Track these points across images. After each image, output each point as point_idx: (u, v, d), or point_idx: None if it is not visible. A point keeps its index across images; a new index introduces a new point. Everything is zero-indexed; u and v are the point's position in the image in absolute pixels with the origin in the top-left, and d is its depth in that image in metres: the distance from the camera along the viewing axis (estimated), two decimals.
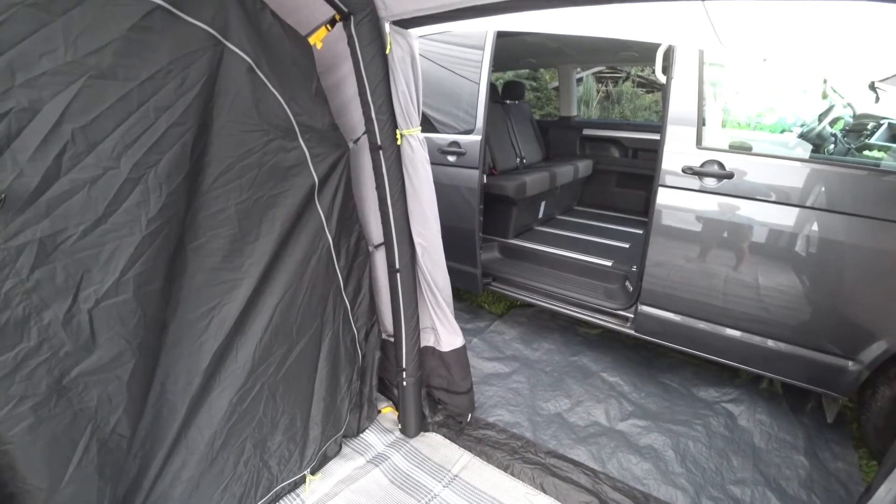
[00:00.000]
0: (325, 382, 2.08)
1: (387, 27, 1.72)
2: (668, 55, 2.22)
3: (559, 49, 3.94)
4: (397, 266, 2.08)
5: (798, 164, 2.02)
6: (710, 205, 2.18)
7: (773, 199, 2.05)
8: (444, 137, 2.97)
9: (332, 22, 1.75)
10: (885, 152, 2.41)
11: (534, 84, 8.24)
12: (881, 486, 1.41)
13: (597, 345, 3.10)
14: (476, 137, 2.80)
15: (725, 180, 2.12)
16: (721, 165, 2.12)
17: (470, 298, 3.81)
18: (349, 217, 2.04)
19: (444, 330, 2.23)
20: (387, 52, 1.74)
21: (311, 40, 1.75)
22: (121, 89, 1.28)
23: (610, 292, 2.85)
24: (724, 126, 2.53)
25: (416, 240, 2.03)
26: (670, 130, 2.24)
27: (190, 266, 1.58)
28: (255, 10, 1.55)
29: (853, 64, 1.59)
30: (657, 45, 2.18)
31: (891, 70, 1.41)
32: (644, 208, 4.35)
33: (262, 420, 1.86)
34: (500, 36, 2.97)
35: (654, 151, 3.85)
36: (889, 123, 2.60)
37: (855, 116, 2.92)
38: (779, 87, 2.95)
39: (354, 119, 1.92)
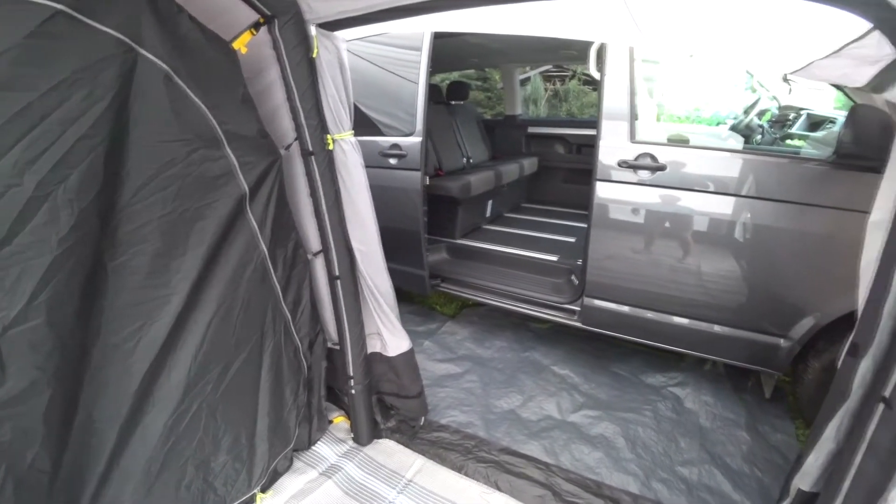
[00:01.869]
0: (270, 397, 2.02)
1: (312, 30, 1.68)
2: (601, 53, 2.26)
3: (501, 49, 3.97)
4: (337, 273, 2.04)
5: (727, 154, 2.10)
6: (645, 197, 2.23)
7: (705, 189, 2.11)
8: (385, 140, 2.94)
9: (257, 26, 1.69)
10: (804, 141, 2.53)
11: (483, 84, 8.31)
12: (810, 454, 1.48)
13: (548, 339, 3.13)
14: (416, 139, 2.78)
15: (659, 172, 2.17)
16: (654, 158, 2.18)
17: (421, 300, 3.79)
18: (285, 226, 1.97)
19: (389, 335, 2.20)
20: (313, 55, 1.70)
21: (236, 45, 1.68)
22: (19, 102, 1.19)
23: (557, 287, 2.88)
24: (658, 120, 2.61)
25: (355, 245, 1.99)
26: (605, 126, 2.28)
27: (111, 285, 1.49)
28: (171, 15, 1.48)
29: (768, 58, 1.65)
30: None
31: (800, 63, 1.47)
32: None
33: (202, 440, 1.78)
34: (439, 37, 2.96)
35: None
36: (808, 114, 2.74)
37: (780, 108, 3.07)
38: (709, 82, 3.07)
39: (285, 125, 1.87)
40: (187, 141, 1.56)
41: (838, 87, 2.13)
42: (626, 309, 2.44)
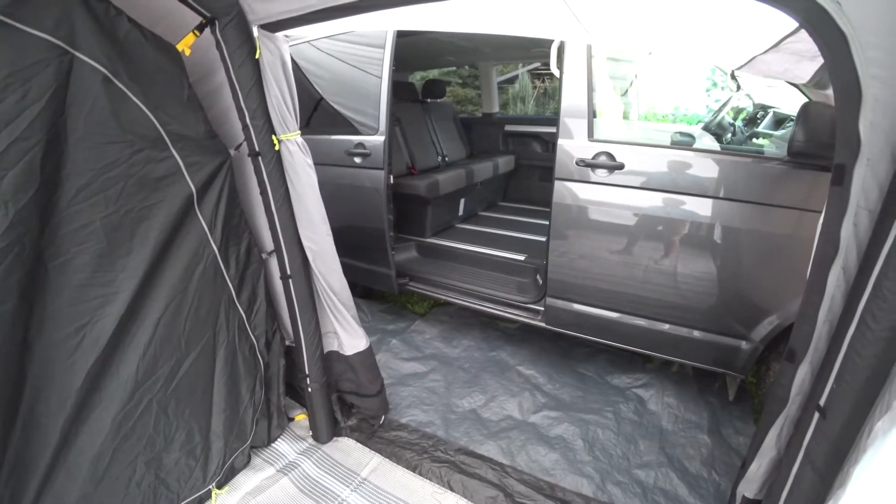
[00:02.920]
0: (225, 394, 2.03)
1: (255, 31, 1.67)
2: (561, 50, 2.25)
3: (474, 48, 3.96)
4: (289, 272, 2.04)
5: (688, 153, 2.08)
6: (603, 196, 2.23)
7: (664, 188, 2.11)
8: (351, 139, 2.92)
9: (200, 27, 1.69)
10: (768, 139, 2.53)
11: (475, 82, 8.29)
12: (753, 461, 1.48)
13: (516, 339, 3.14)
14: (380, 138, 2.77)
15: (617, 172, 2.17)
16: (611, 157, 2.17)
17: (393, 299, 3.79)
18: (237, 225, 1.98)
19: (345, 334, 2.20)
20: (256, 56, 1.69)
21: (180, 46, 1.68)
22: None
23: (522, 286, 2.88)
24: (626, 118, 2.60)
25: (306, 244, 1.99)
26: (564, 124, 2.28)
27: (53, 284, 1.51)
28: (109, 18, 1.49)
29: (715, 53, 1.65)
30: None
31: (744, 58, 1.47)
32: None
33: (153, 437, 1.80)
34: (406, 35, 2.95)
35: None
36: (773, 111, 2.72)
37: (754, 106, 3.06)
38: (681, 80, 3.06)
39: (236, 126, 1.87)
40: (129, 142, 1.58)
41: (794, 84, 2.13)
42: (587, 309, 2.44)
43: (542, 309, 2.62)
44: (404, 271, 3.19)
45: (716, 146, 2.40)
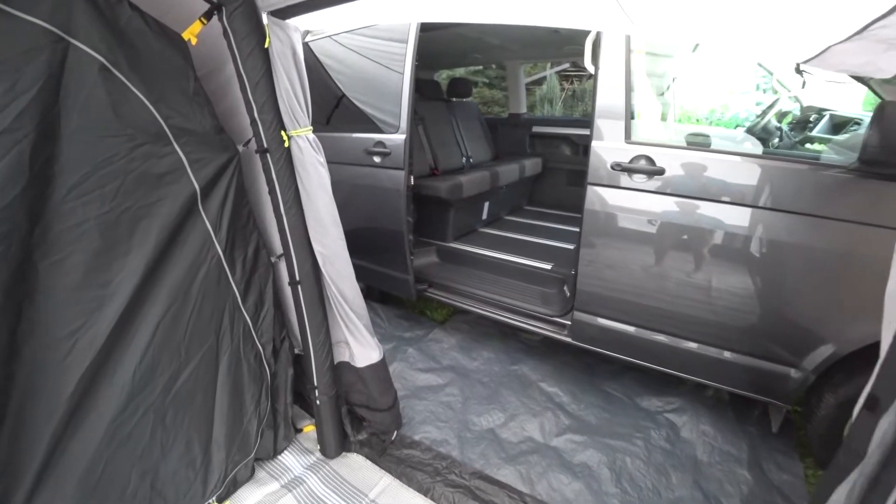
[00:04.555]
0: (228, 403, 1.92)
1: (265, 18, 1.55)
2: (597, 45, 2.08)
3: (501, 44, 3.79)
4: (297, 277, 1.92)
5: (736, 159, 1.89)
6: (641, 204, 2.05)
7: (709, 196, 1.91)
8: (370, 137, 2.79)
9: (208, 14, 1.57)
10: (825, 145, 2.31)
11: (503, 83, 8.13)
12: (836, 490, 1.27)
13: (538, 352, 2.96)
14: (400, 137, 2.63)
15: (657, 177, 1.98)
16: (650, 161, 1.99)
17: (411, 305, 3.65)
18: (244, 226, 1.86)
19: (357, 344, 2.07)
20: (266, 45, 1.56)
21: (185, 35, 1.57)
22: None
23: (547, 298, 2.71)
24: (663, 119, 2.41)
25: (316, 248, 1.86)
26: (599, 125, 2.10)
27: (44, 284, 1.41)
28: (109, 4, 1.39)
29: (776, 45, 1.46)
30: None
31: (814, 49, 1.27)
32: None
33: (149, 447, 1.70)
34: (431, 29, 2.81)
35: None
36: (830, 115, 2.50)
37: (802, 109, 2.83)
38: (723, 81, 2.84)
39: (245, 121, 1.75)
40: (128, 136, 1.48)
41: (863, 81, 1.91)
42: (619, 326, 2.26)
43: (569, 323, 2.44)
44: (423, 276, 3.04)
45: (761, 151, 2.18)
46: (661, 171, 1.96)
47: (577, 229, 3.74)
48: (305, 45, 3.23)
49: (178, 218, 1.62)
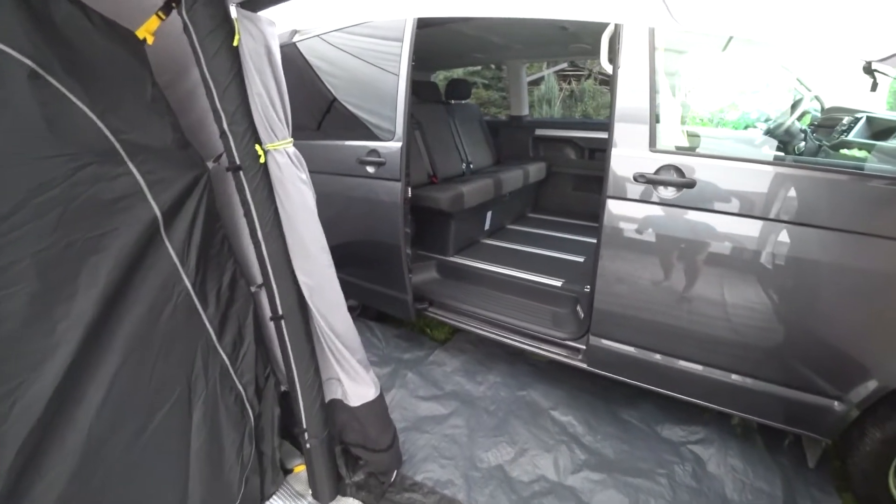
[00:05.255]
0: (204, 454, 1.68)
1: (233, 11, 1.31)
2: (615, 41, 1.86)
3: (504, 43, 3.56)
4: (280, 312, 1.68)
5: (778, 168, 1.66)
6: (669, 220, 1.81)
7: (745, 212, 1.68)
8: (363, 145, 2.56)
9: (166, 7, 1.33)
10: (869, 151, 2.08)
11: (500, 84, 7.95)
12: None
13: (549, 375, 2.73)
14: (396, 144, 2.40)
15: (686, 190, 1.76)
16: (680, 172, 1.76)
17: (410, 324, 3.41)
18: (218, 254, 1.62)
19: (350, 382, 1.84)
20: (235, 43, 1.33)
21: (140, 34, 1.33)
22: None
23: (559, 319, 2.48)
24: (683, 123, 2.18)
25: (301, 278, 1.63)
26: (618, 130, 1.87)
27: None
28: None
29: (842, 41, 1.24)
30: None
31: (890, 47, 1.06)
32: None
33: None
34: (427, 26, 2.58)
35: None
36: (868, 117, 2.27)
37: (824, 110, 2.61)
38: (743, 77, 2.62)
39: (216, 133, 1.51)
40: (69, 156, 1.22)
41: None
42: (641, 353, 2.03)
43: (584, 347, 2.22)
44: (423, 294, 2.82)
45: (809, 160, 1.96)
46: (691, 184, 1.73)
47: (586, 239, 3.64)
48: (293, 46, 3.00)
49: (135, 250, 1.37)
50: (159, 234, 1.43)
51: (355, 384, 1.86)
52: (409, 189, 2.42)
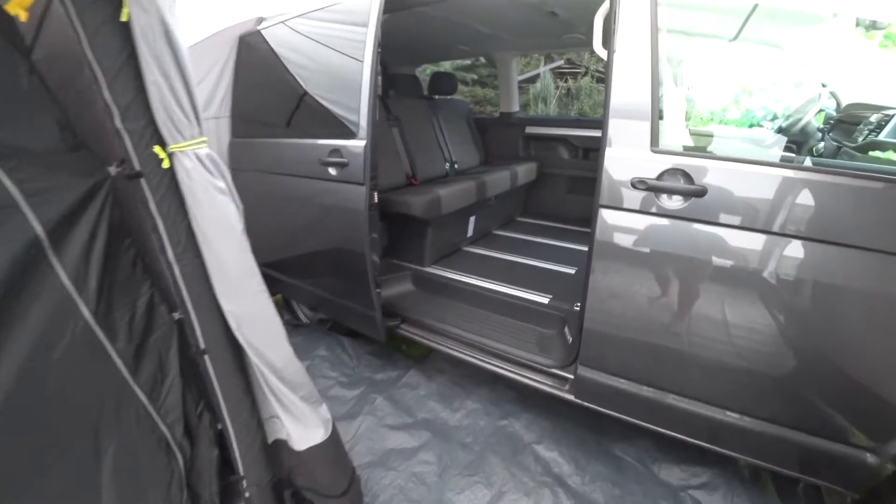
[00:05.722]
0: None
1: None
2: (610, 21, 1.56)
3: (493, 34, 3.26)
4: (202, 345, 1.39)
5: (802, 175, 1.36)
6: (673, 235, 1.52)
7: (770, 227, 1.39)
8: (325, 144, 2.25)
9: None
10: None
11: (495, 81, 7.70)
12: None
13: (534, 402, 2.44)
14: (359, 143, 2.11)
15: (695, 199, 1.46)
16: (688, 177, 1.47)
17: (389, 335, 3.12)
18: (129, 277, 1.32)
19: (293, 422, 1.56)
20: (123, 18, 1.03)
21: (11, 8, 1.04)
22: None
23: (544, 342, 2.20)
24: (691, 119, 1.89)
25: (225, 306, 1.34)
26: (614, 127, 1.57)
27: None
28: None
29: None
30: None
31: None
32: None
33: None
34: (398, 9, 2.29)
35: None
36: None
37: (840, 108, 2.32)
38: (751, 70, 2.33)
39: None
40: None
41: None
42: (637, 387, 1.75)
43: (572, 377, 1.93)
44: (396, 310, 2.53)
45: (842, 164, 1.67)
46: (701, 193, 1.44)
47: (579, 247, 3.35)
48: (258, 35, 2.71)
49: (9, 277, 1.08)
50: (44, 256, 1.13)
51: (299, 426, 1.57)
52: (376, 194, 2.11)
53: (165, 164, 1.15)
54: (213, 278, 1.30)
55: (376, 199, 2.11)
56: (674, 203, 1.49)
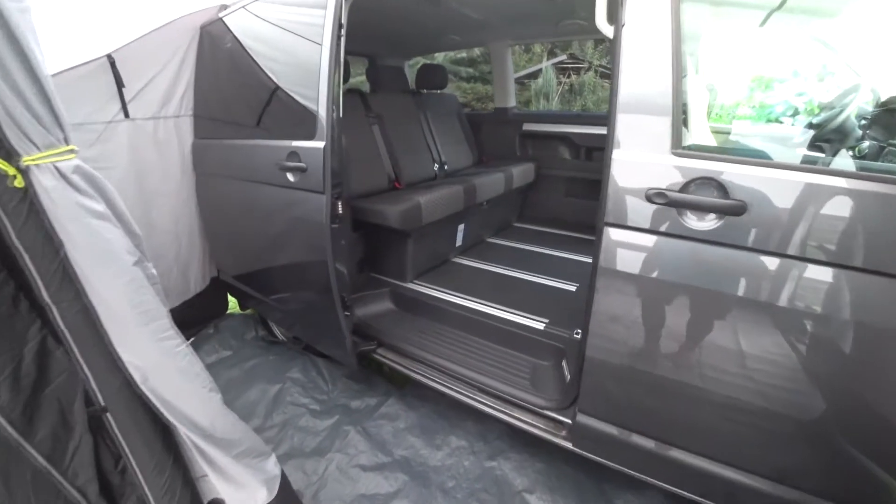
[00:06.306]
0: None
1: None
2: None
3: (485, 20, 2.93)
4: (101, 402, 1.09)
5: (866, 185, 1.03)
6: (702, 266, 1.19)
7: (837, 259, 1.05)
8: (283, 145, 1.94)
9: None
10: None
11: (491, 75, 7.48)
12: None
13: (526, 440, 2.12)
14: (318, 144, 1.79)
15: (731, 218, 1.14)
16: (722, 188, 1.15)
17: (366, 359, 2.82)
18: (10, 316, 1.05)
19: (226, 485, 1.28)
20: None
21: None
22: None
23: (539, 377, 1.89)
24: (723, 114, 1.57)
25: (124, 356, 1.04)
26: (624, 123, 1.25)
27: None
28: None
29: None
30: None
31: None
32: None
33: None
34: None
35: None
36: None
37: (880, 102, 2.00)
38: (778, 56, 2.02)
39: None
40: None
41: None
42: (648, 443, 1.44)
43: (570, 422, 1.63)
44: (372, 332, 2.22)
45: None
46: (739, 209, 1.12)
47: (580, 257, 3.03)
48: (220, 22, 2.41)
49: None
50: None
51: (234, 488, 1.29)
52: (340, 204, 1.80)
53: (18, 183, 0.85)
54: (105, 323, 1.00)
55: (340, 210, 1.79)
56: (704, 223, 1.16)
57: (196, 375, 1.15)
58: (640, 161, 1.23)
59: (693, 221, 1.17)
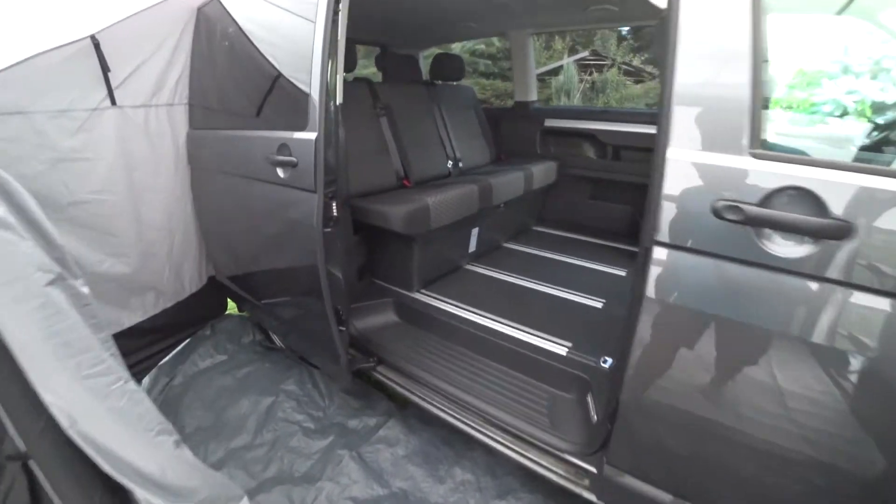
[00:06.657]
0: None
1: None
2: None
3: (504, 6, 2.68)
4: (22, 448, 0.88)
5: None
6: (786, 303, 0.93)
7: None
8: (273, 136, 1.72)
9: None
10: None
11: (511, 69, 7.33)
12: None
13: (539, 479, 1.88)
14: (309, 136, 1.56)
15: (828, 242, 0.88)
16: (819, 203, 0.88)
17: (366, 376, 2.60)
18: None
19: None
20: None
21: None
22: None
23: (560, 413, 1.64)
24: (821, 108, 1.30)
25: (45, 398, 0.82)
26: (682, 117, 1.00)
27: None
28: None
29: None
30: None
31: None
32: (629, 230, 3.15)
33: None
34: None
35: (643, 150, 2.62)
36: None
37: None
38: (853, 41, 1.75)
39: None
40: None
41: None
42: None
43: (595, 471, 1.39)
44: (372, 347, 2.00)
45: None
46: (842, 232, 0.85)
47: (606, 268, 2.76)
48: (216, 3, 2.20)
49: None
50: None
51: None
52: (335, 204, 1.56)
53: None
54: (19, 359, 0.79)
55: (335, 212, 1.56)
56: (791, 247, 0.91)
57: (139, 417, 0.94)
58: (705, 163, 0.97)
59: (777, 246, 0.91)
